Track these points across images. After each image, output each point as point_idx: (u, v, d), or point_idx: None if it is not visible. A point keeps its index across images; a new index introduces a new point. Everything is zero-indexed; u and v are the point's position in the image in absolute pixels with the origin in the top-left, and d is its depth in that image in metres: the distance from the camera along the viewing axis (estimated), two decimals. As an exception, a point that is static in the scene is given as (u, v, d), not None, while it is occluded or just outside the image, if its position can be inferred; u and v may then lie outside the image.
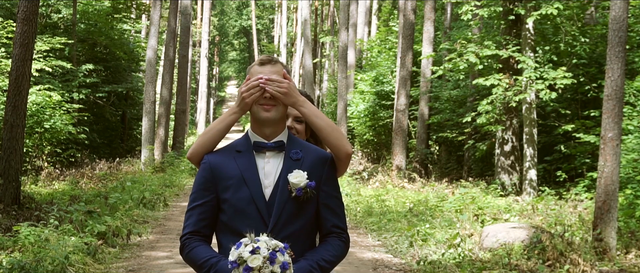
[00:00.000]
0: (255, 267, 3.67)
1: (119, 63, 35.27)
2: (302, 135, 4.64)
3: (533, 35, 19.83)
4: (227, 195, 4.02)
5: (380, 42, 37.57)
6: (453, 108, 26.23)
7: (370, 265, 12.35)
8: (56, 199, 17.73)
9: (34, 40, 16.71)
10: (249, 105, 4.02)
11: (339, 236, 4.11)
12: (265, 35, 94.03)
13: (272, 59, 4.18)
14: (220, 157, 4.11)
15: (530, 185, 19.40)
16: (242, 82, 4.19)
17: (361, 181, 26.04)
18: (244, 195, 4.00)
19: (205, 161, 4.11)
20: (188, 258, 4.02)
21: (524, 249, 12.04)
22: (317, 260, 3.97)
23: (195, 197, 4.08)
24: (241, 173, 4.02)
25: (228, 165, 4.05)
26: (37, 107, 23.83)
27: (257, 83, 3.98)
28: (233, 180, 4.02)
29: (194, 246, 4.00)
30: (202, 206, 4.06)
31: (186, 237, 4.05)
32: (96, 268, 11.33)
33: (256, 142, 4.09)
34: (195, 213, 4.06)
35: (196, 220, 4.05)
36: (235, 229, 3.96)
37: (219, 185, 4.04)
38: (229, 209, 4.01)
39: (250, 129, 4.15)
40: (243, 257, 3.69)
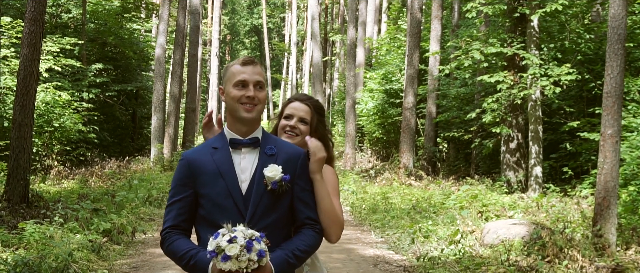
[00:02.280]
0: (232, 255, 3.78)
1: (128, 62, 35.43)
2: (306, 134, 4.75)
3: (538, 32, 19.86)
4: (205, 190, 4.18)
5: (389, 41, 37.58)
6: (460, 106, 26.27)
7: (371, 261, 12.45)
8: (64, 197, 17.86)
9: (42, 40, 16.85)
10: None
11: (312, 227, 4.28)
12: (276, 34, 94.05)
13: (254, 60, 4.35)
14: (197, 154, 4.28)
15: (535, 182, 19.44)
16: (225, 79, 4.33)
17: (368, 179, 26.10)
18: (220, 189, 4.17)
19: (183, 158, 4.28)
20: (168, 251, 4.17)
21: (524, 245, 12.11)
22: (293, 250, 4.12)
23: (174, 192, 4.25)
24: (218, 168, 4.20)
25: (205, 161, 4.23)
26: (46, 107, 24.00)
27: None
28: (210, 175, 4.19)
29: (174, 239, 4.16)
30: (181, 201, 4.22)
31: (166, 231, 4.20)
32: (100, 265, 11.46)
33: (232, 139, 4.27)
34: (175, 208, 4.23)
35: (175, 214, 4.22)
36: (214, 222, 4.09)
37: (196, 180, 4.20)
38: (207, 203, 4.18)
39: (226, 127, 4.32)
40: (221, 246, 3.80)
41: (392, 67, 33.53)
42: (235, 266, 3.81)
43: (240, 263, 3.82)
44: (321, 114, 4.86)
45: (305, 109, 4.79)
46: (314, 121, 4.79)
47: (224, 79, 4.35)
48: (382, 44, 38.49)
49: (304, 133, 4.74)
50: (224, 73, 4.38)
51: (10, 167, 16.04)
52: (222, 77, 4.39)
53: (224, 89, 4.31)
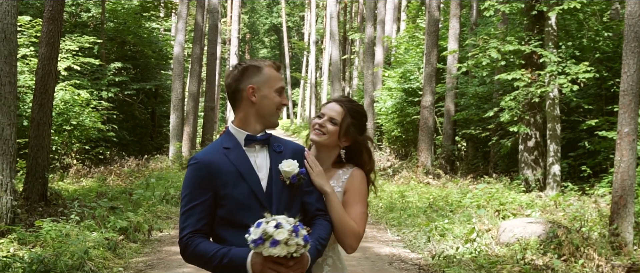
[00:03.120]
0: (281, 239, 3.78)
1: (147, 61, 35.48)
2: (332, 135, 4.68)
3: (556, 31, 19.77)
4: (225, 191, 4.12)
5: (408, 39, 37.53)
6: (478, 104, 26.19)
7: (386, 259, 12.44)
8: (82, 196, 17.95)
9: (60, 39, 16.94)
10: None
11: (323, 217, 4.35)
12: (295, 33, 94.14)
13: (280, 66, 4.45)
14: (211, 155, 4.22)
15: (553, 181, 19.35)
16: (257, 78, 4.27)
17: (386, 177, 26.08)
18: (244, 189, 4.14)
19: (197, 162, 4.19)
20: (194, 255, 4.07)
21: (540, 244, 12.06)
22: (317, 239, 4.16)
23: (192, 196, 4.14)
24: (237, 168, 4.17)
25: (222, 162, 4.17)
26: (65, 105, 24.10)
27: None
28: (230, 176, 4.14)
29: (198, 242, 4.07)
30: (201, 205, 4.12)
31: (188, 236, 4.09)
32: (116, 263, 11.52)
33: (249, 136, 4.26)
34: (196, 212, 4.12)
35: (197, 219, 4.11)
36: (237, 222, 4.08)
37: (216, 182, 4.13)
38: (229, 204, 4.12)
39: (236, 126, 4.30)
40: (268, 231, 3.79)
41: (410, 65, 33.49)
42: (284, 251, 3.81)
43: (289, 248, 3.82)
44: (356, 117, 4.74)
45: (338, 109, 4.71)
46: (344, 123, 4.68)
47: (255, 78, 4.27)
48: (401, 43, 38.44)
49: (330, 133, 4.67)
50: (252, 72, 4.29)
51: (28, 165, 16.13)
52: (249, 76, 4.29)
53: (258, 89, 4.25)
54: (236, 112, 4.33)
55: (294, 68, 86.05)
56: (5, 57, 12.23)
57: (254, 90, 4.25)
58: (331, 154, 4.74)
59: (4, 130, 12.18)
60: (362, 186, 4.57)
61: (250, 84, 4.26)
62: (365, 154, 4.73)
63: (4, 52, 12.20)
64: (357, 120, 4.73)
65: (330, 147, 4.69)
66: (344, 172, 4.66)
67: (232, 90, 4.31)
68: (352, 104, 4.77)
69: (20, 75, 23.08)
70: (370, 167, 4.75)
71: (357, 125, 4.72)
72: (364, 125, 4.79)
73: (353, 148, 4.73)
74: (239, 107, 4.31)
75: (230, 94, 4.34)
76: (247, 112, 4.28)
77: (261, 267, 3.91)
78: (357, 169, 4.64)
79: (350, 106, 4.75)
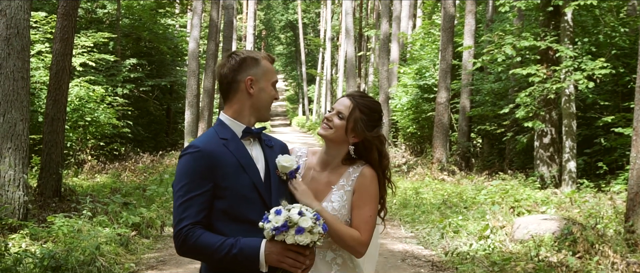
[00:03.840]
0: (306, 227, 3.76)
1: (163, 57, 35.52)
2: (339, 130, 4.51)
3: (572, 26, 19.62)
4: (227, 183, 4.00)
5: (423, 36, 37.43)
6: (494, 101, 26.06)
7: (399, 256, 12.38)
8: (96, 192, 17.97)
9: (74, 35, 16.96)
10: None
11: None
12: (311, 29, 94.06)
13: (275, 59, 4.38)
14: (211, 145, 4.08)
15: (569, 178, 19.21)
16: (255, 70, 4.21)
17: (401, 174, 25.99)
18: (245, 181, 4.05)
19: (196, 150, 4.03)
20: (195, 247, 3.90)
21: (555, 241, 11.96)
22: None
23: (192, 186, 3.96)
24: (237, 160, 4.07)
25: (222, 153, 4.06)
26: (81, 101, 24.15)
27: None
28: (231, 168, 4.03)
29: (200, 233, 3.90)
30: (201, 196, 3.96)
31: (188, 228, 3.90)
32: (128, 258, 11.51)
33: (247, 128, 4.18)
34: (195, 203, 3.95)
35: (197, 210, 3.94)
36: (239, 216, 3.99)
37: (216, 172, 4.00)
38: (230, 196, 4.00)
39: (231, 118, 4.21)
40: (293, 219, 3.76)
41: (426, 62, 33.42)
42: (308, 239, 3.78)
43: (313, 236, 3.80)
44: (366, 113, 4.51)
45: (347, 104, 4.53)
46: (351, 117, 4.48)
47: (253, 70, 4.20)
48: (416, 39, 38.35)
49: (337, 127, 4.49)
50: (251, 64, 4.21)
51: (43, 161, 16.18)
52: (247, 67, 4.20)
53: (256, 81, 4.19)
54: (229, 103, 4.23)
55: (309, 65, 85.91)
56: (18, 52, 12.22)
57: (252, 82, 4.18)
58: (340, 150, 4.56)
59: (16, 126, 12.18)
60: (371, 186, 4.43)
61: (249, 75, 4.18)
62: (375, 152, 4.52)
63: (16, 47, 12.21)
64: (367, 116, 4.52)
65: (338, 143, 4.54)
66: (354, 169, 4.50)
67: (228, 80, 4.20)
68: (363, 99, 4.58)
69: (36, 71, 23.15)
70: (383, 166, 4.55)
71: (367, 121, 4.51)
72: (375, 121, 4.57)
73: (363, 145, 4.55)
74: (233, 99, 4.22)
75: (225, 85, 4.22)
76: (242, 104, 4.20)
77: (279, 257, 3.85)
78: (367, 167, 4.48)
79: (360, 101, 4.56)
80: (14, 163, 12.08)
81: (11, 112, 12.15)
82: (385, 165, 4.55)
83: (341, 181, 4.47)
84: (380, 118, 4.62)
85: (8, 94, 12.15)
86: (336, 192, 4.44)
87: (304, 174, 4.59)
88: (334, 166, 4.54)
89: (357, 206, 4.39)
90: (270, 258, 3.86)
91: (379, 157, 4.53)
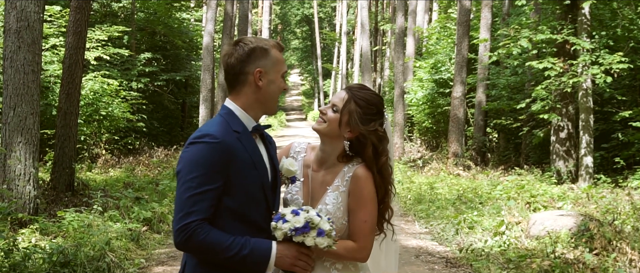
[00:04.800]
0: (327, 230, 3.68)
1: (178, 51, 35.51)
2: (332, 123, 4.23)
3: (589, 20, 19.39)
4: (239, 180, 3.78)
5: (439, 30, 37.26)
6: (510, 95, 25.87)
7: (413, 252, 12.25)
8: (109, 186, 17.92)
9: (87, 28, 16.92)
10: None
11: None
12: (327, 23, 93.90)
13: (284, 47, 4.14)
14: (229, 138, 3.82)
15: (586, 173, 19.01)
16: (264, 61, 3.98)
17: (416, 169, 25.85)
18: (255, 180, 3.85)
19: (216, 141, 3.76)
20: (202, 244, 3.66)
21: (571, 237, 11.79)
22: None
23: (205, 179, 3.69)
24: (250, 156, 3.85)
25: (238, 148, 3.82)
26: (95, 95, 24.13)
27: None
28: (244, 164, 3.81)
29: (209, 230, 3.67)
30: (214, 191, 3.70)
31: (196, 223, 3.64)
32: (138, 254, 11.42)
33: (257, 125, 3.99)
34: (207, 198, 3.68)
35: (208, 205, 3.68)
36: (245, 216, 3.81)
37: (231, 168, 3.76)
38: (239, 195, 3.78)
39: (242, 110, 3.98)
40: (315, 220, 3.66)
41: (441, 56, 33.24)
42: (326, 242, 3.69)
43: (329, 240, 3.71)
44: (363, 106, 4.22)
45: (342, 96, 4.26)
46: (345, 110, 4.21)
47: (262, 61, 3.95)
48: (432, 33, 38.20)
49: (330, 120, 4.23)
50: (260, 54, 3.95)
51: (56, 155, 16.18)
52: (256, 58, 3.94)
53: (265, 73, 3.94)
54: (237, 94, 3.98)
55: (325, 59, 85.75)
56: (29, 45, 12.14)
57: (261, 74, 3.94)
58: (335, 146, 4.27)
59: (27, 119, 12.11)
60: (365, 188, 4.14)
61: (258, 67, 3.93)
62: (370, 148, 4.21)
63: (27, 40, 12.12)
64: (362, 109, 4.22)
65: (332, 138, 4.26)
66: (349, 168, 4.22)
67: (235, 71, 3.94)
68: (361, 91, 4.29)
69: (50, 65, 23.15)
70: (379, 165, 4.21)
71: (362, 114, 4.21)
72: (372, 115, 4.26)
73: (358, 141, 4.24)
74: (240, 91, 3.97)
75: (231, 75, 3.97)
76: (250, 97, 3.96)
77: (293, 260, 3.74)
78: (361, 167, 4.19)
79: (357, 93, 4.27)
80: (24, 158, 12.01)
81: (21, 106, 12.07)
82: (382, 164, 4.23)
83: (336, 181, 4.21)
84: (379, 112, 4.30)
85: (18, 88, 12.07)
86: (330, 194, 4.18)
87: (302, 173, 4.36)
88: (329, 164, 4.28)
89: (352, 210, 4.14)
90: (281, 262, 3.74)
91: (374, 154, 4.22)
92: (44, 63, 22.63)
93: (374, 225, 4.17)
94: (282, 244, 3.74)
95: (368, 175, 4.18)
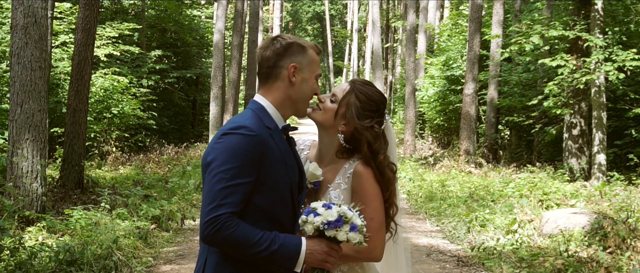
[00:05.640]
0: (359, 225, 3.58)
1: (188, 49, 35.47)
2: (328, 113, 4.10)
3: (602, 16, 19.20)
4: (270, 177, 3.66)
5: (451, 26, 37.12)
6: (522, 92, 25.70)
7: (424, 251, 12.11)
8: (118, 183, 17.85)
9: (96, 25, 16.83)
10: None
11: None
12: (338, 21, 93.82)
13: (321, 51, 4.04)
14: (264, 132, 3.69)
15: (599, 170, 18.84)
16: (301, 58, 3.87)
17: (427, 166, 25.72)
18: (285, 179, 3.73)
19: (252, 133, 3.63)
20: (231, 237, 3.50)
21: (585, 236, 11.64)
22: None
23: (240, 172, 3.55)
24: (282, 155, 3.74)
25: (271, 144, 3.69)
26: (106, 93, 24.09)
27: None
28: (277, 162, 3.69)
29: (238, 223, 3.51)
30: (247, 185, 3.55)
31: (227, 216, 3.49)
32: (146, 252, 11.31)
33: (286, 124, 3.87)
34: (240, 191, 3.54)
35: (240, 199, 3.53)
36: (274, 216, 3.69)
37: (264, 164, 3.62)
38: (268, 193, 3.65)
39: (273, 107, 3.85)
40: (348, 215, 3.57)
41: (453, 53, 33.10)
42: (358, 238, 3.58)
43: (361, 236, 3.60)
44: (363, 101, 4.10)
45: (343, 87, 4.16)
46: (344, 101, 4.09)
47: (299, 57, 3.85)
48: (444, 30, 38.07)
49: (327, 110, 4.10)
50: (297, 50, 3.85)
51: (65, 152, 16.10)
52: (293, 53, 3.84)
53: (300, 70, 3.83)
54: (268, 89, 3.86)
55: (336, 56, 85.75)
56: (36, 41, 12.04)
57: (296, 70, 3.82)
58: (333, 139, 4.15)
59: (34, 116, 12.01)
60: (367, 185, 4.01)
61: (293, 62, 3.82)
62: (365, 145, 4.07)
63: (34, 36, 12.02)
64: (361, 103, 4.11)
65: (327, 128, 4.15)
66: (350, 165, 4.09)
67: (270, 64, 3.82)
68: (364, 86, 4.18)
69: (60, 62, 23.14)
70: (378, 162, 4.06)
71: (360, 109, 4.10)
72: (371, 112, 4.14)
73: (353, 136, 4.11)
74: (273, 86, 3.85)
75: (265, 68, 3.84)
76: (281, 93, 3.84)
77: (324, 255, 3.62)
78: (361, 163, 4.06)
79: (360, 87, 4.16)
80: (32, 155, 11.91)
81: (29, 103, 11.97)
82: (380, 161, 4.08)
83: (337, 179, 4.09)
84: (378, 110, 4.16)
85: (25, 84, 11.97)
86: (332, 192, 4.06)
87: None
88: (329, 159, 4.16)
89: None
90: (312, 258, 3.62)
91: (370, 152, 4.08)
92: (54, 60, 22.62)
93: (383, 222, 4.03)
94: (312, 240, 3.63)
95: (368, 171, 4.05)
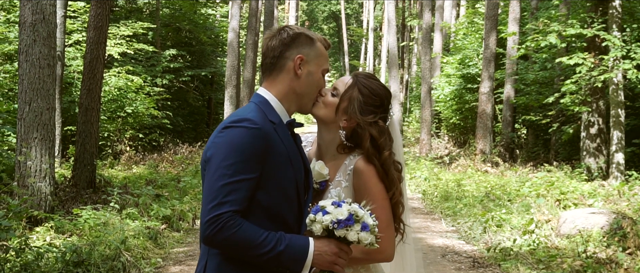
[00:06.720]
0: (371, 225, 3.41)
1: (203, 47, 35.33)
2: (329, 107, 3.90)
3: (620, 13, 18.93)
4: (274, 173, 3.47)
5: (467, 25, 36.90)
6: (539, 90, 25.44)
7: (439, 251, 11.89)
8: (131, 183, 17.71)
9: (108, 23, 16.70)
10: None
11: None
12: (354, 20, 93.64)
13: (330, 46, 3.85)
14: (267, 126, 3.50)
15: (617, 169, 18.58)
16: (308, 49, 3.69)
17: (443, 165, 25.51)
18: (290, 176, 3.54)
19: (256, 127, 3.44)
20: (234, 238, 3.31)
21: (603, 236, 11.40)
22: None
23: (243, 167, 3.36)
24: (287, 150, 3.55)
25: (275, 138, 3.51)
26: (120, 92, 23.99)
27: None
28: (281, 158, 3.50)
29: (241, 223, 3.32)
30: (251, 181, 3.37)
31: (229, 215, 3.29)
32: (155, 253, 11.15)
33: (290, 120, 3.68)
34: (243, 188, 3.34)
35: (244, 196, 3.34)
36: (277, 213, 3.49)
37: (268, 159, 3.44)
38: (272, 190, 3.47)
39: (277, 100, 3.67)
40: (359, 213, 3.39)
41: (469, 51, 32.89)
42: (369, 238, 3.39)
43: (373, 237, 3.42)
44: (366, 95, 3.91)
45: (345, 80, 3.96)
46: (346, 95, 3.89)
47: (306, 49, 3.69)
48: (460, 28, 37.85)
49: (328, 104, 3.88)
50: (305, 42, 3.70)
51: (77, 151, 15.98)
52: (300, 44, 3.67)
53: (306, 62, 3.65)
54: (272, 82, 3.68)
55: (352, 55, 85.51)
56: (44, 39, 11.90)
57: (302, 62, 3.64)
58: (335, 135, 3.93)
59: (42, 115, 11.86)
60: (370, 182, 3.80)
61: (300, 53, 3.64)
62: (368, 141, 3.86)
63: (42, 33, 11.88)
64: (364, 97, 3.91)
65: (328, 124, 3.93)
66: (350, 161, 3.87)
67: (275, 54, 3.64)
68: (367, 80, 3.97)
69: (73, 61, 23.08)
70: (382, 159, 3.85)
71: (363, 104, 3.89)
72: (375, 107, 3.94)
73: (355, 132, 3.90)
74: (277, 78, 3.66)
75: (270, 59, 3.66)
76: (286, 86, 3.65)
77: (333, 257, 3.43)
78: (361, 160, 3.85)
79: (363, 80, 3.95)
80: (40, 154, 11.77)
81: (37, 101, 11.83)
82: (385, 158, 3.86)
83: (338, 176, 3.88)
84: (382, 105, 3.95)
85: (34, 82, 11.84)
86: (333, 190, 3.83)
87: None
88: (330, 156, 3.95)
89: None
90: (320, 260, 3.42)
91: (373, 148, 3.86)
92: (67, 59, 22.55)
93: (390, 220, 3.82)
94: (321, 240, 3.44)
95: (370, 168, 3.83)
